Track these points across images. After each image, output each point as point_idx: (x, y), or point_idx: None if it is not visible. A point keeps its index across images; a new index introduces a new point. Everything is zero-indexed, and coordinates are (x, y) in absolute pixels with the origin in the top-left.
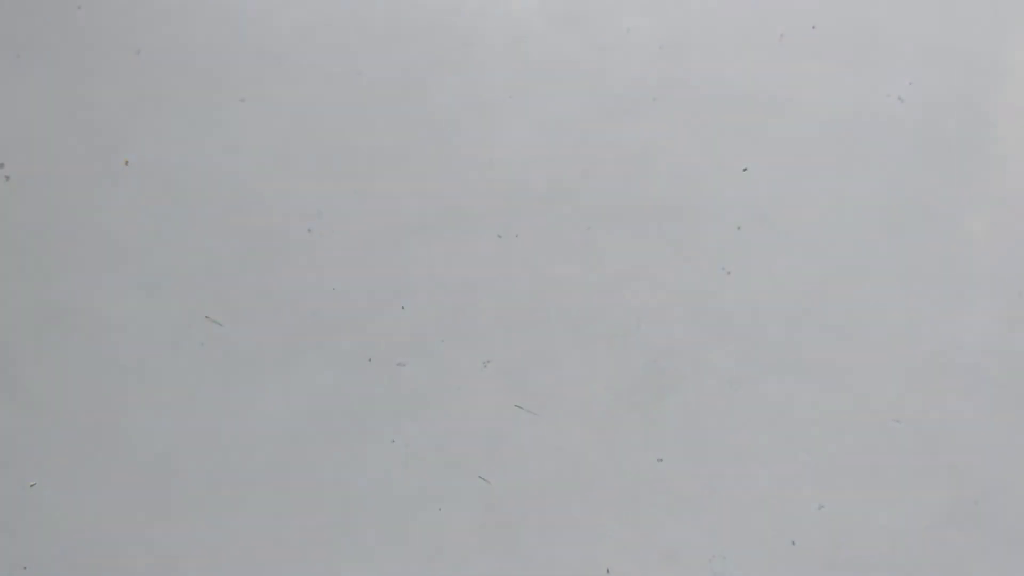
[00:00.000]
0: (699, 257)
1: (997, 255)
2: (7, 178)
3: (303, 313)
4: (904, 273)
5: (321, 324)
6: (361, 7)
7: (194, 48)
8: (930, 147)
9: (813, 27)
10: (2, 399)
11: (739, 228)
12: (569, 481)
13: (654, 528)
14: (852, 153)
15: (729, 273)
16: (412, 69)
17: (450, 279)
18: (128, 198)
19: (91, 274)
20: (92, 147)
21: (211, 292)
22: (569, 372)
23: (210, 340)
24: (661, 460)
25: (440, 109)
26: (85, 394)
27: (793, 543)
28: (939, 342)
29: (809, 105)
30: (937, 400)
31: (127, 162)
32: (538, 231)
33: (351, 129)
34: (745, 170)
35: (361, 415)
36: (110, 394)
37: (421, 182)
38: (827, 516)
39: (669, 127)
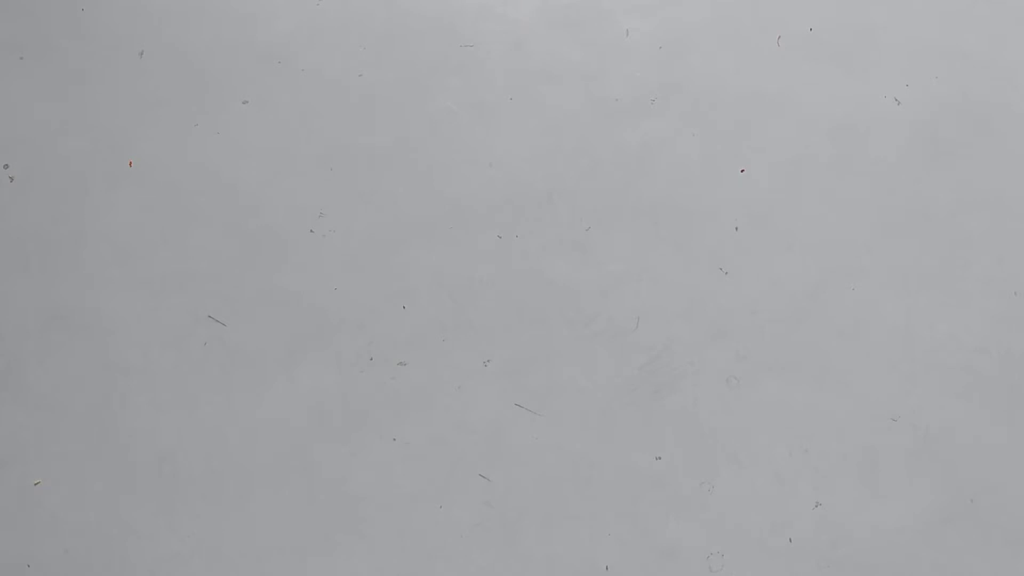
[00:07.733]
0: (697, 257)
1: (992, 255)
2: (12, 179)
3: (305, 312)
4: (900, 273)
5: (323, 323)
6: (362, 9)
7: (197, 50)
8: (926, 148)
9: (810, 30)
10: (7, 397)
11: (736, 228)
12: (568, 479)
13: (652, 526)
14: (848, 154)
15: (727, 273)
16: (412, 70)
17: (450, 279)
18: (132, 199)
19: (95, 274)
20: (96, 148)
21: (214, 292)
22: (569, 372)
23: (213, 339)
24: (659, 458)
25: (440, 109)
26: (89, 393)
27: (790, 541)
28: (935, 341)
29: (806, 107)
30: (933, 399)
31: (131, 163)
32: (538, 231)
33: (352, 130)
34: (743, 171)
35: (362, 414)
36: (113, 393)
37: (421, 182)
38: (824, 514)
39: (667, 128)
